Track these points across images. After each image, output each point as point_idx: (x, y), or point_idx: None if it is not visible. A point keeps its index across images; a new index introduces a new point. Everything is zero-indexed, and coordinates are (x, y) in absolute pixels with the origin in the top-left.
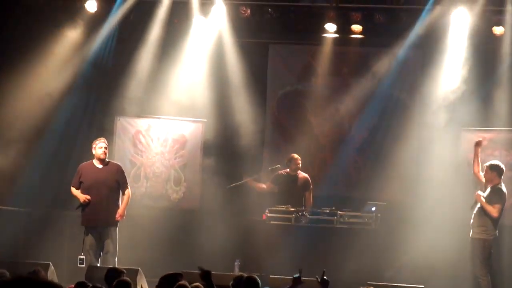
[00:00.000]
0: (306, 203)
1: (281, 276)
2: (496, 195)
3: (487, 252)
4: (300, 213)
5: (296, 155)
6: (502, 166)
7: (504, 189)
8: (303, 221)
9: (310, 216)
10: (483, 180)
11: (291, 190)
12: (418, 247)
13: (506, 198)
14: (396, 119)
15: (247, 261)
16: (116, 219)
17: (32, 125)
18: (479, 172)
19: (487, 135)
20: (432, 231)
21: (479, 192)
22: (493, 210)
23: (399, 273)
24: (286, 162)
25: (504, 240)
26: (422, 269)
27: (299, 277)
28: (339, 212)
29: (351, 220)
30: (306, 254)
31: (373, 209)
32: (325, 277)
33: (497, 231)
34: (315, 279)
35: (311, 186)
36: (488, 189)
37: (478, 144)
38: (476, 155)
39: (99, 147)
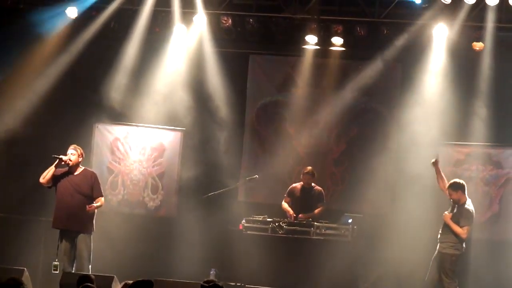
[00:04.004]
0: (317, 211)
1: (257, 286)
2: (464, 217)
3: (456, 266)
4: (276, 224)
5: (310, 168)
6: (462, 181)
7: (471, 207)
8: (280, 232)
9: (286, 227)
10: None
11: (304, 202)
12: (394, 259)
13: (474, 216)
14: (375, 132)
15: (223, 270)
16: (87, 209)
17: (7, 130)
18: (445, 187)
19: (465, 150)
20: (408, 244)
21: (447, 213)
22: (462, 232)
23: (375, 285)
24: (301, 175)
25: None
26: (398, 281)
27: None
28: (315, 223)
29: (328, 231)
30: (282, 265)
31: (350, 221)
32: None
33: (464, 246)
34: None
35: (324, 200)
36: (456, 209)
37: (435, 163)
38: (438, 172)
39: (68, 153)
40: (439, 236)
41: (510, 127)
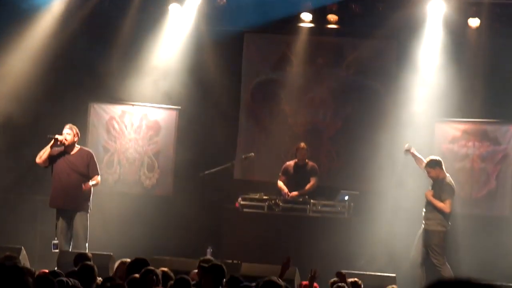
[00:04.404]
0: (308, 186)
1: (253, 264)
2: (445, 191)
3: (444, 242)
4: (273, 201)
5: (303, 144)
6: (437, 158)
7: (451, 181)
8: (276, 210)
9: (283, 205)
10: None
11: (299, 179)
12: (390, 236)
13: (455, 189)
14: (370, 109)
15: (220, 248)
16: (84, 188)
17: (3, 109)
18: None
19: (461, 126)
20: (405, 221)
21: (428, 191)
22: (445, 207)
23: (371, 261)
24: (294, 152)
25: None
26: (395, 258)
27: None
28: (312, 200)
29: (324, 209)
30: (279, 242)
31: (346, 198)
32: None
33: (449, 222)
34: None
35: (318, 174)
36: (436, 185)
37: (407, 151)
38: (414, 157)
39: (64, 133)
40: (423, 214)
41: (506, 103)
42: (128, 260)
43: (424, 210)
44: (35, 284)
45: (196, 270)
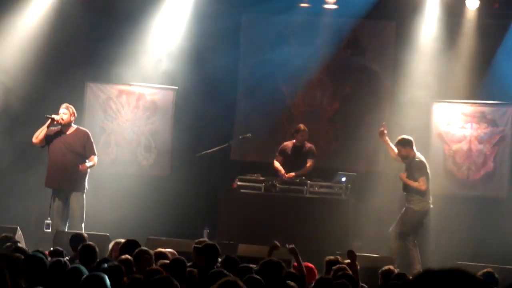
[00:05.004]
0: (305, 168)
1: (250, 245)
2: (417, 170)
3: (420, 223)
4: (270, 182)
5: (302, 126)
6: (408, 137)
7: (422, 158)
8: (273, 190)
9: (280, 186)
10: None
11: (296, 160)
12: (387, 217)
13: (427, 166)
14: (368, 90)
15: (216, 229)
16: (80, 168)
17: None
18: (396, 155)
19: (459, 108)
20: (401, 202)
21: (402, 173)
22: (419, 185)
23: (368, 243)
24: (292, 132)
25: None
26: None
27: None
28: (309, 182)
29: (321, 190)
30: (276, 223)
31: (343, 179)
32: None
33: (430, 201)
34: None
35: (315, 156)
36: (408, 165)
37: (381, 134)
38: (386, 143)
39: (60, 112)
40: (404, 193)
41: (504, 85)
42: (123, 240)
43: (403, 190)
44: (25, 262)
45: None
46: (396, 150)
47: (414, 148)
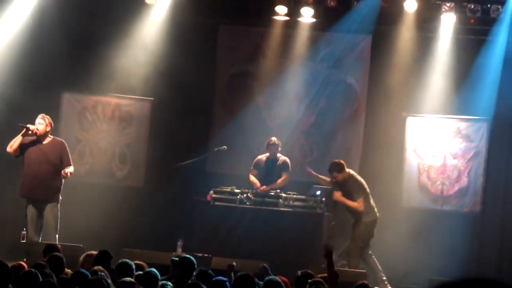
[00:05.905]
0: (279, 181)
1: (224, 258)
2: (354, 189)
3: (372, 233)
4: (244, 195)
5: (274, 139)
6: (339, 160)
7: (354, 175)
8: (248, 203)
9: (254, 198)
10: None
11: (271, 174)
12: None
13: (362, 182)
14: (344, 103)
15: (190, 241)
16: (62, 175)
17: None
18: (331, 183)
19: (433, 123)
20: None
21: (335, 192)
22: (358, 205)
23: (342, 257)
24: (265, 146)
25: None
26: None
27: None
28: (283, 194)
29: (296, 203)
30: (250, 236)
31: (318, 193)
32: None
33: (376, 209)
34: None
35: (289, 169)
36: (344, 185)
37: (309, 174)
38: (316, 177)
39: (36, 122)
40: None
41: (479, 100)
42: (94, 252)
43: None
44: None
45: None
46: (328, 179)
47: (346, 168)
